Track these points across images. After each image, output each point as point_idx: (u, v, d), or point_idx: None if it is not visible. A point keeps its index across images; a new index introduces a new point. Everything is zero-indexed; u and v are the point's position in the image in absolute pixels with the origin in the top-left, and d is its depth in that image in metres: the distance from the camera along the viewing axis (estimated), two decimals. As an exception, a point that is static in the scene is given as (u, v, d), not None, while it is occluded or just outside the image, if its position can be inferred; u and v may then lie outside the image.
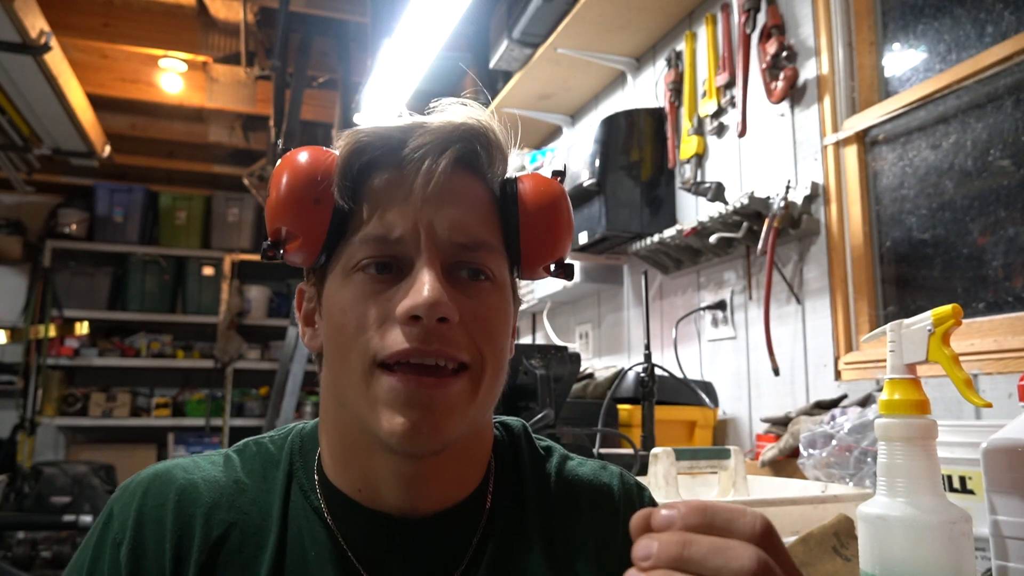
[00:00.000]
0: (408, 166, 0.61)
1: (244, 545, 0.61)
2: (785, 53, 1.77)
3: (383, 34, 2.73)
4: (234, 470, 0.66)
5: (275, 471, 0.66)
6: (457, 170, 0.62)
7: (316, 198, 0.61)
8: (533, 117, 2.89)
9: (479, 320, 0.61)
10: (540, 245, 0.66)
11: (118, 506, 0.63)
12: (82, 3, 3.58)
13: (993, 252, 1.37)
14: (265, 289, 5.25)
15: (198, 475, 0.64)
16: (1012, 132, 1.34)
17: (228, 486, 0.64)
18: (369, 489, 0.63)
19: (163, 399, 5.04)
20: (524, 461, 0.72)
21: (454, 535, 0.64)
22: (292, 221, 0.62)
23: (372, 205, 0.61)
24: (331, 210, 0.61)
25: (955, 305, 0.65)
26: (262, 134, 4.53)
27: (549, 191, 0.67)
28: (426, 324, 0.57)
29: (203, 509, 0.62)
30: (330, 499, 0.64)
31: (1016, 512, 0.67)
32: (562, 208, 0.67)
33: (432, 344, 0.57)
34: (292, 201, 0.62)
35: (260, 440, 0.69)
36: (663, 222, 2.14)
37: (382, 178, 0.62)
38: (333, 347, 0.62)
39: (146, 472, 0.65)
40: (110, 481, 3.90)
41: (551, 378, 1.35)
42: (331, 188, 0.61)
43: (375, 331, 0.59)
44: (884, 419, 0.65)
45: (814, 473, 1.26)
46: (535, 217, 0.65)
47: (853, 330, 1.59)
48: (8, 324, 4.82)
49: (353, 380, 0.59)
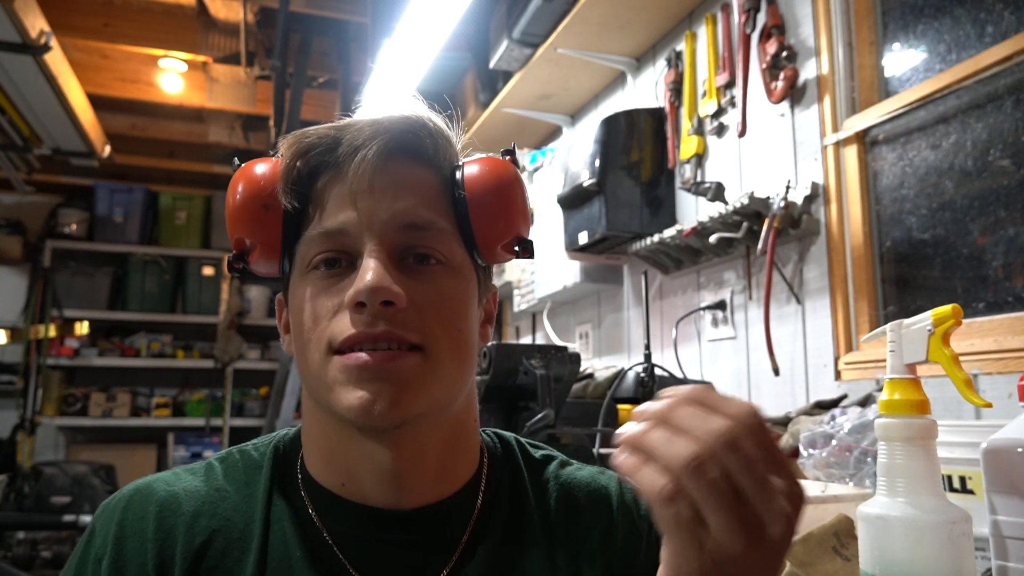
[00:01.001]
0: (345, 162, 0.62)
1: (228, 550, 0.62)
2: (785, 53, 1.77)
3: (383, 34, 2.73)
4: (215, 479, 0.66)
5: (257, 476, 0.66)
6: (397, 159, 0.63)
7: (265, 204, 0.63)
8: (533, 117, 2.88)
9: (431, 303, 0.61)
10: (490, 226, 0.66)
11: (99, 522, 0.64)
12: (82, 3, 3.58)
13: (993, 252, 1.37)
14: (265, 289, 5.25)
15: (179, 486, 0.65)
16: (1012, 132, 1.34)
17: (209, 494, 0.65)
18: (352, 483, 0.64)
19: (163, 399, 5.04)
20: (519, 465, 0.72)
21: (442, 530, 0.65)
22: (246, 230, 0.64)
23: (318, 205, 0.63)
24: (281, 214, 0.63)
25: (955, 305, 0.65)
26: (262, 134, 4.53)
27: (494, 172, 0.66)
28: (371, 309, 0.58)
29: (185, 518, 0.62)
30: (314, 496, 0.65)
31: (1016, 512, 0.67)
32: (508, 187, 0.67)
33: (379, 327, 0.58)
34: (243, 210, 0.64)
35: (243, 448, 0.70)
36: (663, 222, 2.14)
37: (324, 178, 0.64)
38: (297, 344, 0.64)
39: (127, 488, 0.66)
40: (110, 481, 3.90)
41: (551, 378, 1.35)
42: (277, 193, 0.63)
43: (329, 321, 0.61)
44: (884, 419, 0.65)
45: (814, 473, 1.26)
46: (481, 198, 0.65)
47: (853, 330, 1.59)
48: (8, 324, 4.82)
49: (314, 369, 0.61)
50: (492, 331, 0.73)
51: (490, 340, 0.73)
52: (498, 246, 0.67)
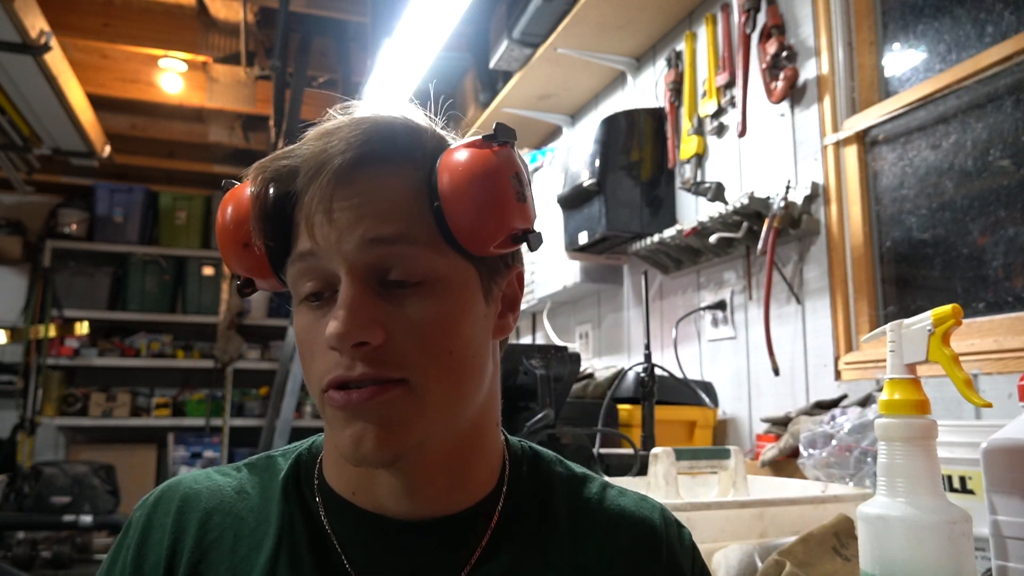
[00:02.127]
0: (307, 192, 0.58)
1: (237, 546, 0.63)
2: (785, 53, 1.77)
3: (383, 34, 2.73)
4: (241, 480, 0.68)
5: (277, 480, 0.67)
6: (358, 173, 0.58)
7: (243, 242, 0.61)
8: (533, 117, 2.89)
9: (412, 331, 0.57)
10: (472, 221, 0.58)
11: (135, 516, 0.67)
12: (82, 3, 3.58)
13: (993, 252, 1.37)
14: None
15: (204, 484, 0.67)
16: (1012, 132, 1.34)
17: (230, 495, 0.66)
18: (364, 491, 0.63)
19: (163, 399, 5.04)
20: (555, 480, 0.70)
21: (456, 542, 0.63)
22: (234, 266, 0.63)
23: (297, 235, 0.60)
24: (263, 250, 0.61)
25: (955, 305, 0.65)
26: (262, 134, 4.53)
27: (468, 160, 0.58)
28: (345, 352, 0.56)
29: (199, 514, 0.64)
30: (327, 502, 0.65)
31: (1016, 512, 0.67)
32: (486, 174, 0.58)
33: (357, 370, 0.56)
34: (227, 248, 0.62)
35: (272, 454, 0.71)
36: (663, 222, 2.14)
37: (297, 208, 0.60)
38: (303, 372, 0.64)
39: (161, 485, 0.69)
40: (110, 481, 3.90)
41: (551, 378, 1.35)
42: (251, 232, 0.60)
43: (318, 359, 0.59)
44: (884, 419, 0.65)
45: (814, 473, 1.26)
46: (456, 192, 0.58)
47: (853, 330, 1.59)
48: (8, 324, 4.82)
49: (317, 402, 0.61)
50: (517, 317, 0.67)
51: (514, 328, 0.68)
52: (490, 247, 0.60)
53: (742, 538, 0.97)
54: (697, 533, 0.74)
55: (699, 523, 0.94)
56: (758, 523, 1.00)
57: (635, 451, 1.33)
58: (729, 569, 0.91)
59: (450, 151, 0.60)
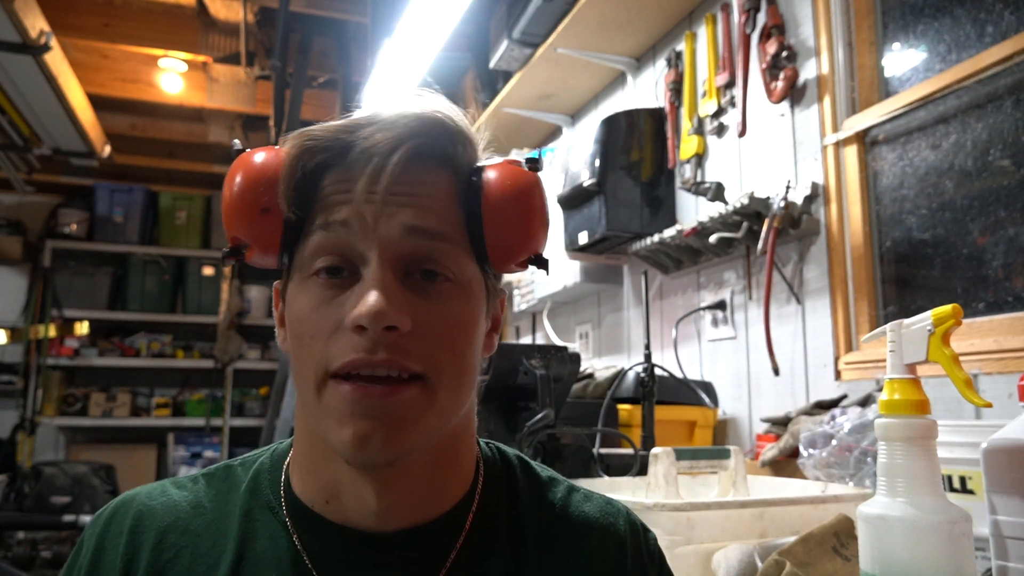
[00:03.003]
0: (357, 167, 0.57)
1: (195, 564, 0.60)
2: (785, 53, 1.77)
3: (383, 34, 2.73)
4: (198, 494, 0.65)
5: (237, 492, 0.65)
6: (412, 164, 0.58)
7: (264, 207, 0.58)
8: (533, 117, 2.89)
9: (436, 326, 0.57)
10: (507, 240, 0.60)
11: (88, 534, 0.64)
12: (82, 3, 3.59)
13: (993, 252, 1.37)
14: (265, 289, 5.25)
15: (159, 500, 0.64)
16: (1012, 132, 1.34)
17: (186, 511, 0.64)
18: (336, 502, 0.61)
19: (163, 399, 5.04)
20: (520, 486, 0.69)
21: (427, 553, 0.62)
22: (242, 231, 0.60)
23: (322, 210, 0.58)
24: (281, 219, 0.59)
25: (955, 305, 0.65)
26: (262, 134, 4.53)
27: (516, 181, 0.61)
28: (373, 334, 0.54)
29: (154, 533, 0.62)
30: (296, 514, 0.63)
31: (1016, 512, 0.67)
32: (531, 200, 0.61)
33: (379, 354, 0.54)
34: (241, 212, 0.59)
35: (231, 463, 0.69)
36: (663, 222, 2.14)
37: (332, 181, 0.59)
38: (294, 354, 0.60)
39: (114, 500, 0.66)
40: (110, 481, 3.90)
41: (551, 378, 1.35)
42: (277, 196, 0.58)
43: (327, 340, 0.56)
44: (884, 419, 0.65)
45: (814, 473, 1.26)
46: (499, 209, 0.60)
47: (853, 330, 1.59)
48: (8, 324, 4.83)
49: (309, 388, 0.58)
50: (498, 339, 0.69)
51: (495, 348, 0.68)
52: (512, 263, 0.62)
53: (742, 538, 0.97)
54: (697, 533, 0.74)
55: (699, 523, 0.94)
56: (758, 523, 1.00)
57: (635, 451, 1.33)
58: (729, 569, 0.91)
59: (495, 166, 0.62)
